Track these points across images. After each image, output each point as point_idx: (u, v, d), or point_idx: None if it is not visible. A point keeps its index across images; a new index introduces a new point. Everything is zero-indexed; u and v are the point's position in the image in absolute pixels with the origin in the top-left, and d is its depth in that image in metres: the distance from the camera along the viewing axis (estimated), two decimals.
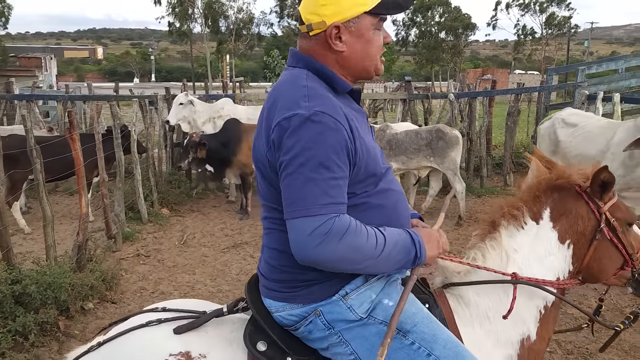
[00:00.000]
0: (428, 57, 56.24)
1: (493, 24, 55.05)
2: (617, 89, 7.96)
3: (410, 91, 8.00)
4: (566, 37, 51.76)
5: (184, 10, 39.21)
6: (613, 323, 1.92)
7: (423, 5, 54.79)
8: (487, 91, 8.37)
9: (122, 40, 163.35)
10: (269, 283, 1.50)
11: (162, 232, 5.84)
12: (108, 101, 7.64)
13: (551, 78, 8.61)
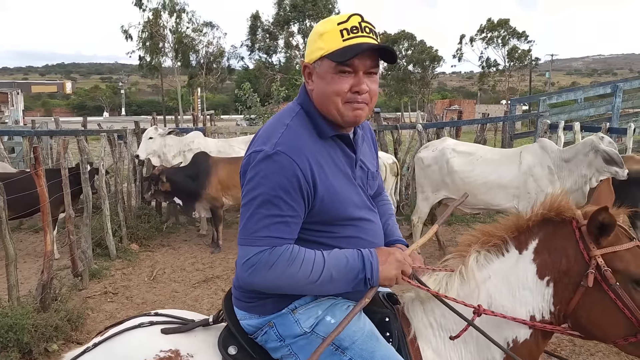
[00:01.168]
0: (397, 89, 57.47)
1: (459, 56, 56.86)
2: (577, 118, 8.29)
3: (379, 122, 8.15)
4: (528, 68, 53.80)
5: (155, 45, 39.26)
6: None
7: (389, 39, 56.31)
8: (453, 121, 8.58)
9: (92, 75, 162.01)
10: (235, 292, 1.63)
11: (131, 268, 5.71)
12: (75, 136, 7.53)
13: (514, 108, 8.91)
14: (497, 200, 5.36)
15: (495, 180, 5.29)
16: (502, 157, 5.47)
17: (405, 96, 58.51)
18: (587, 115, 8.97)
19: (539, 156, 5.21)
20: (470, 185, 5.35)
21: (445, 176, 5.58)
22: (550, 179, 5.13)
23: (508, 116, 8.42)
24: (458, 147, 5.68)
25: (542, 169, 5.15)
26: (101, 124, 11.00)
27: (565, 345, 3.83)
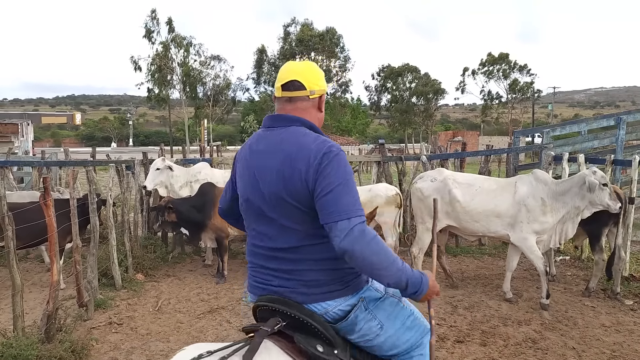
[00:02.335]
0: (401, 121, 57.89)
1: (461, 88, 57.43)
2: (581, 149, 8.33)
3: (384, 153, 8.22)
4: (530, 100, 54.20)
5: (163, 77, 39.94)
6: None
7: (393, 72, 57.06)
8: (458, 153, 8.63)
9: (101, 106, 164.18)
10: (324, 288, 1.85)
11: (136, 298, 5.70)
12: (84, 166, 7.62)
13: (518, 140, 8.96)
14: (494, 227, 5.62)
15: (492, 209, 5.56)
16: (498, 187, 5.71)
17: (409, 127, 58.91)
18: (591, 147, 9.02)
19: (533, 187, 5.46)
20: (470, 214, 5.63)
21: (446, 205, 5.72)
22: (542, 209, 5.36)
23: (512, 148, 8.47)
24: (458, 178, 5.90)
25: (534, 200, 5.38)
26: (109, 154, 11.11)
27: None
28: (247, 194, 1.92)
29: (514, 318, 5.04)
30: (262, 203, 1.86)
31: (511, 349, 4.32)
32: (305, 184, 1.76)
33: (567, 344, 4.40)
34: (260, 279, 1.93)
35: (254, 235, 1.94)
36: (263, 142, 1.91)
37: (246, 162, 1.94)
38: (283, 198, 1.80)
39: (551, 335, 4.59)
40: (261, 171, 1.85)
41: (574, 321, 4.96)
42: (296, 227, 1.83)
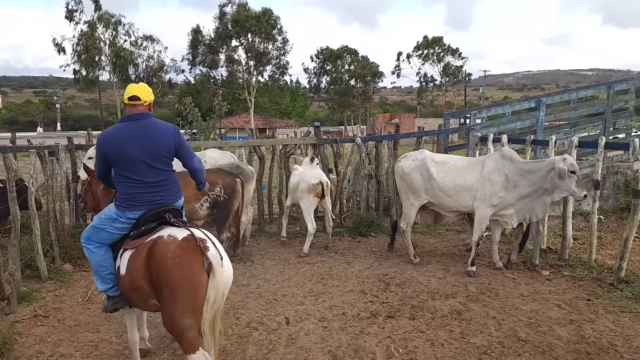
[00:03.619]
0: (340, 103, 58.36)
1: (397, 72, 58.52)
2: (505, 130, 8.74)
3: (319, 136, 8.28)
4: (462, 83, 56.11)
5: (90, 58, 38.02)
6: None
7: (332, 54, 57.21)
8: (390, 135, 8.84)
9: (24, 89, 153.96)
10: (177, 195, 3.47)
11: (64, 289, 5.48)
12: (2, 153, 7.17)
13: (448, 122, 9.29)
14: (464, 202, 6.01)
15: (461, 184, 5.99)
16: (469, 164, 6.14)
17: (348, 110, 59.52)
18: (515, 128, 9.49)
19: (499, 164, 5.84)
20: (444, 190, 6.08)
21: (425, 182, 6.22)
22: (504, 185, 5.74)
23: (442, 129, 8.77)
24: (436, 157, 6.38)
25: (499, 176, 5.77)
26: (31, 139, 10.49)
27: (494, 347, 4.02)
28: (133, 156, 3.20)
29: (442, 292, 5.29)
30: (146, 158, 3.23)
31: (438, 321, 4.54)
32: (172, 146, 3.34)
33: (489, 314, 4.67)
34: (147, 199, 3.28)
35: (135, 179, 3.25)
36: (135, 127, 3.26)
37: (126, 140, 3.21)
38: (162, 153, 3.29)
39: (475, 307, 4.86)
40: (144, 141, 3.23)
41: (495, 292, 5.27)
42: (165, 169, 3.36)
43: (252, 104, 44.41)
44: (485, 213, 5.81)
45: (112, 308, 3.44)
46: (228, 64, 44.62)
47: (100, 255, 3.31)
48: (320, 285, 5.57)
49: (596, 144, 6.05)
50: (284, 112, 53.11)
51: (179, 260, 2.84)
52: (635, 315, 4.62)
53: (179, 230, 3.05)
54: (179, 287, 2.81)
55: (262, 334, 4.30)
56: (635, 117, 10.43)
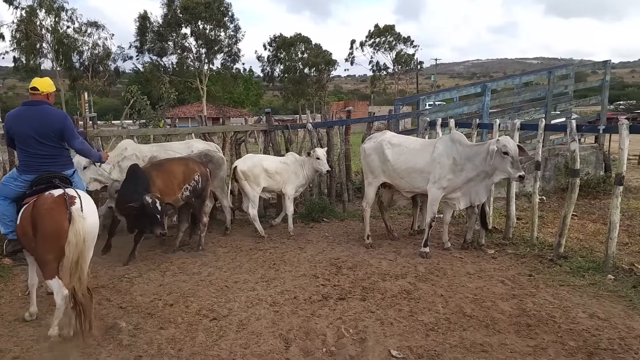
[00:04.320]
0: (294, 92, 58.14)
1: (351, 60, 58.76)
2: (453, 115, 8.94)
3: (270, 122, 8.21)
4: (414, 72, 56.99)
5: (31, 45, 36.22)
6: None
7: (285, 42, 56.81)
8: (341, 120, 8.88)
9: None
10: (65, 166, 4.37)
11: (3, 284, 5.24)
12: None
13: (398, 107, 9.42)
14: (417, 183, 6.14)
15: (413, 166, 6.09)
16: (421, 147, 6.24)
17: (302, 98, 59.37)
18: (462, 113, 9.72)
19: (448, 147, 5.91)
20: (397, 171, 6.21)
21: (382, 164, 6.36)
22: (452, 168, 5.82)
23: (392, 115, 8.88)
24: (393, 140, 6.45)
25: (447, 159, 5.85)
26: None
27: (441, 323, 4.13)
28: (26, 133, 4.14)
29: (392, 273, 5.38)
30: (35, 135, 4.13)
31: (388, 301, 4.62)
32: (58, 128, 4.21)
33: (437, 292, 4.79)
34: (37, 167, 4.17)
35: (28, 151, 4.18)
36: (30, 111, 4.20)
37: (24, 121, 4.18)
38: (48, 133, 4.17)
39: (423, 286, 4.97)
40: (35, 122, 4.14)
41: (443, 272, 5.41)
42: (53, 145, 4.22)
43: (205, 93, 43.60)
44: (436, 195, 5.93)
45: (11, 250, 4.40)
46: (178, 51, 43.55)
47: (4, 206, 4.25)
48: (272, 271, 5.56)
49: (537, 126, 6.28)
50: (237, 101, 52.38)
51: (49, 211, 3.75)
52: (572, 288, 4.85)
53: (57, 191, 3.91)
54: (46, 230, 3.72)
55: (212, 321, 4.25)
56: (575, 101, 10.89)
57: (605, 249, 5.34)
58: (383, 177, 6.45)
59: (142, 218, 5.52)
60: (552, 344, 3.73)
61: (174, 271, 5.60)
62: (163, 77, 39.36)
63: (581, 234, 6.77)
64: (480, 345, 3.73)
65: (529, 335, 3.89)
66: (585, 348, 3.65)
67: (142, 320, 4.27)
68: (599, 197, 8.95)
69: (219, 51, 43.61)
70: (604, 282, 4.95)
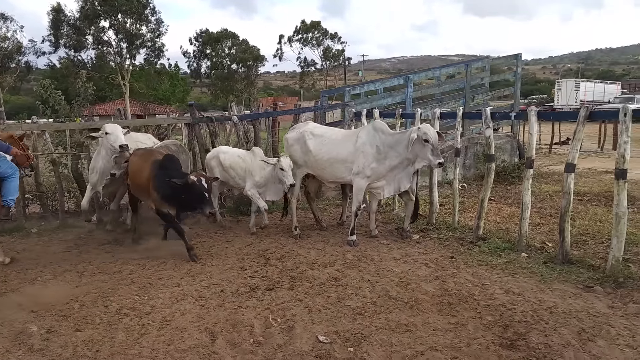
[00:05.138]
0: (222, 88, 57.15)
1: (279, 56, 58.62)
2: (378, 106, 9.11)
3: (193, 115, 8.00)
4: (342, 67, 57.78)
5: None
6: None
7: (211, 38, 55.70)
8: (267, 112, 8.81)
9: None
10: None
11: None
12: None
13: (325, 99, 9.48)
14: (339, 173, 6.12)
15: (335, 157, 6.06)
16: (344, 137, 6.22)
17: (231, 95, 58.47)
18: (386, 104, 9.95)
19: (371, 136, 5.92)
20: (319, 162, 6.19)
21: (304, 155, 6.32)
22: (376, 157, 5.83)
23: (318, 106, 8.92)
24: (315, 130, 6.41)
25: (370, 148, 5.86)
26: None
27: (368, 307, 4.19)
28: None
29: (321, 262, 5.40)
30: None
31: (316, 288, 4.63)
32: None
33: (364, 278, 4.86)
34: None
35: None
36: None
37: None
38: None
39: (351, 273, 5.03)
40: None
41: (371, 258, 5.50)
42: None
43: (127, 89, 41.83)
44: (361, 184, 5.99)
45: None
46: (96, 46, 41.44)
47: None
48: (198, 265, 5.42)
49: (455, 114, 6.53)
50: (162, 98, 50.76)
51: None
52: (490, 267, 5.09)
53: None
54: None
55: (133, 319, 4.07)
56: (490, 92, 11.46)
57: (519, 229, 5.64)
58: (305, 169, 6.45)
59: (189, 198, 5.35)
60: (471, 319, 3.89)
61: (93, 271, 5.32)
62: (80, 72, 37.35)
63: (498, 217, 7.12)
64: (405, 325, 3.82)
65: (451, 313, 4.03)
66: (502, 321, 3.84)
67: (56, 323, 4.02)
68: (515, 182, 9.46)
69: (141, 46, 41.97)
70: (518, 260, 5.24)
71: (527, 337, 3.56)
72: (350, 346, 3.52)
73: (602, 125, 16.60)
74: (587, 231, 6.20)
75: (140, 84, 46.82)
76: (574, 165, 5.05)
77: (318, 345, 3.54)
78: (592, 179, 10.17)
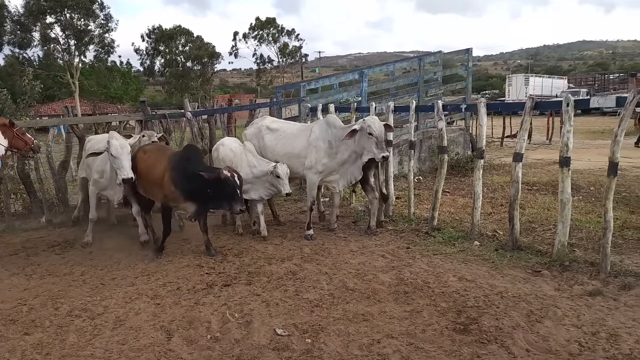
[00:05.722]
0: (177, 86, 56.07)
1: (235, 53, 57.99)
2: (333, 101, 9.16)
3: (145, 112, 7.82)
4: (299, 64, 57.74)
5: None
6: None
7: (164, 34, 54.53)
8: (222, 108, 8.73)
9: None
10: None
11: None
12: None
13: (280, 94, 9.45)
14: (295, 168, 6.07)
15: (290, 151, 6.02)
16: (299, 131, 6.17)
17: (186, 93, 57.41)
18: (342, 99, 10.01)
19: (323, 131, 5.89)
20: (276, 157, 6.12)
21: (261, 149, 6.31)
22: (328, 152, 5.80)
23: (274, 102, 8.89)
24: (272, 125, 6.37)
25: (323, 143, 5.83)
26: None
27: (326, 299, 4.21)
28: None
29: (278, 257, 5.39)
30: None
31: (274, 283, 4.62)
32: None
33: (322, 271, 4.89)
34: None
35: None
36: None
37: None
38: None
39: (309, 266, 5.04)
40: None
41: (328, 251, 5.53)
42: None
43: (77, 88, 40.42)
44: (313, 179, 5.98)
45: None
46: (43, 43, 39.81)
47: None
48: (153, 264, 5.31)
49: (408, 107, 6.64)
50: (114, 97, 49.30)
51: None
52: (444, 256, 5.21)
53: None
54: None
55: (85, 320, 3.95)
56: (443, 86, 11.72)
57: (471, 218, 5.80)
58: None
59: (218, 194, 5.07)
60: (426, 307, 3.98)
61: (42, 274, 5.13)
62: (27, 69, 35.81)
63: (452, 208, 7.30)
64: (362, 315, 3.87)
65: (406, 301, 4.11)
66: (455, 307, 3.94)
67: (3, 327, 3.86)
68: (468, 175, 9.71)
69: (90, 42, 40.60)
70: (471, 249, 5.39)
71: (479, 321, 3.68)
72: (308, 337, 3.54)
73: (550, 118, 17.26)
74: (536, 219, 6.45)
75: (90, 82, 45.37)
76: (522, 154, 5.23)
77: (276, 338, 3.54)
78: (541, 169, 10.57)
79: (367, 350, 3.34)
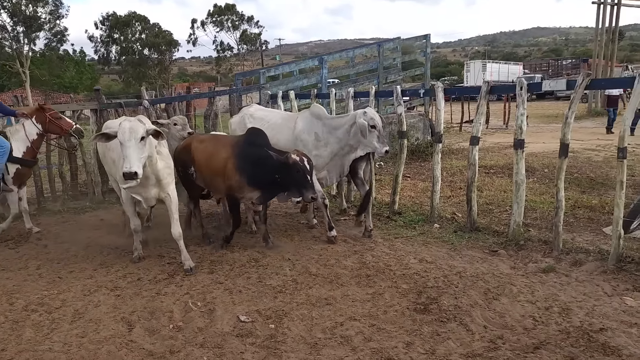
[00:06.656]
0: (134, 75, 54.57)
1: (193, 40, 56.82)
2: (293, 88, 9.13)
3: (100, 100, 7.59)
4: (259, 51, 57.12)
5: None
6: None
7: (119, 21, 52.88)
8: (180, 96, 8.57)
9: None
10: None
11: None
12: None
13: (239, 82, 9.35)
14: None
15: (276, 144, 5.40)
16: (283, 122, 5.79)
17: (144, 82, 55.95)
18: (302, 86, 9.99)
19: (309, 123, 5.49)
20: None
21: None
22: (315, 144, 5.42)
23: (233, 89, 8.79)
24: (256, 113, 6.07)
25: (308, 135, 5.44)
26: None
27: (289, 284, 4.24)
28: None
29: (241, 244, 5.37)
30: None
31: (236, 270, 4.61)
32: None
33: (284, 257, 4.90)
34: None
35: None
36: None
37: None
38: None
39: (271, 253, 5.04)
40: None
41: (291, 238, 5.55)
42: None
43: (28, 77, 38.82)
44: None
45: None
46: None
47: None
48: (112, 256, 5.20)
49: (368, 93, 6.68)
50: (68, 86, 47.59)
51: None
52: (405, 239, 5.32)
53: None
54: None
55: (42, 314, 3.84)
56: (402, 72, 11.85)
57: (431, 202, 5.92)
58: None
59: (286, 180, 4.68)
60: (388, 289, 4.05)
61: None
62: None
63: (413, 192, 7.43)
64: (325, 299, 3.91)
65: (369, 284, 4.17)
66: (416, 288, 4.03)
67: None
68: (428, 159, 9.87)
69: (39, 29, 38.97)
70: (431, 231, 5.51)
71: (439, 300, 3.78)
72: (272, 323, 3.55)
73: (507, 103, 17.71)
74: (493, 201, 6.64)
75: (42, 71, 43.63)
76: (478, 138, 5.36)
77: (239, 325, 3.54)
78: (498, 153, 10.85)
79: (330, 333, 3.39)
